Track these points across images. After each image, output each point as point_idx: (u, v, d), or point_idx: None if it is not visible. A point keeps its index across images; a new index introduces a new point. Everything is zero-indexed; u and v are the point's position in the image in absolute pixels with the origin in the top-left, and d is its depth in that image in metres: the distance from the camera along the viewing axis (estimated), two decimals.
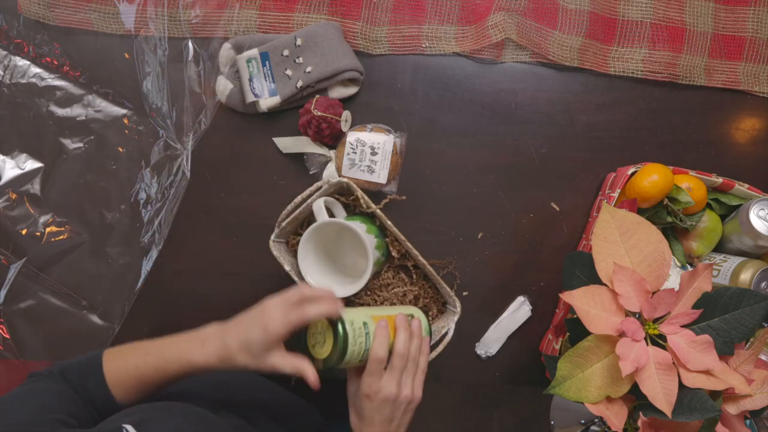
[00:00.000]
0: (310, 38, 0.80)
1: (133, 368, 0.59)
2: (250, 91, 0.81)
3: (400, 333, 0.62)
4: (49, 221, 0.85)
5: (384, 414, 0.60)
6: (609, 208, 0.65)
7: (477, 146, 0.85)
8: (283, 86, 0.80)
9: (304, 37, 0.80)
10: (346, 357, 0.58)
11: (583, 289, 0.62)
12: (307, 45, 0.80)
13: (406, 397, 0.60)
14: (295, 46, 0.79)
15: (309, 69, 0.79)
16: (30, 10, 0.84)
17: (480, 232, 0.86)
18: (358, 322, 0.60)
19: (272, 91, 0.80)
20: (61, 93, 0.86)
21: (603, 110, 0.86)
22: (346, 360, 0.59)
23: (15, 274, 0.84)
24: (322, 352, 0.59)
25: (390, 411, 0.60)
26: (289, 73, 0.79)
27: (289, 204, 0.73)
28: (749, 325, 0.60)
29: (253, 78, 0.80)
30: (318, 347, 0.60)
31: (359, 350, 0.60)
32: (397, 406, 0.60)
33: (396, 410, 0.60)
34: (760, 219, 0.73)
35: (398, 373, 0.60)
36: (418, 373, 0.62)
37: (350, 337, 0.58)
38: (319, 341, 0.60)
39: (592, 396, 0.61)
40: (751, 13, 0.85)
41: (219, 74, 0.83)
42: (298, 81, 0.79)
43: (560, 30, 0.84)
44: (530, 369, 0.86)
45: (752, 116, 0.87)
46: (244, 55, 0.81)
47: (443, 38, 0.84)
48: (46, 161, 0.85)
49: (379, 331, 0.61)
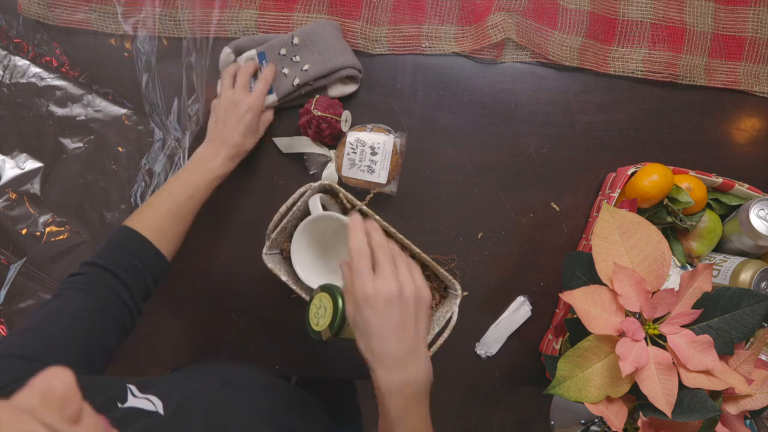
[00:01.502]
0: (308, 37, 0.79)
1: (166, 212, 0.69)
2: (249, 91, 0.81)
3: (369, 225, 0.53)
4: (49, 221, 0.85)
5: (393, 318, 0.50)
6: (609, 208, 0.65)
7: (477, 146, 0.85)
8: (280, 84, 0.80)
9: (301, 35, 0.80)
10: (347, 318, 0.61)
11: (583, 289, 0.62)
12: (305, 43, 0.79)
13: (411, 291, 0.50)
14: (292, 44, 0.79)
15: (306, 67, 0.78)
16: (30, 9, 0.84)
17: (480, 232, 0.86)
18: None
19: (269, 90, 0.80)
20: (60, 93, 0.86)
21: (603, 110, 0.86)
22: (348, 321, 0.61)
23: (15, 274, 0.84)
24: (325, 321, 0.62)
25: (399, 313, 0.50)
26: (286, 71, 0.79)
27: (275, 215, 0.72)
28: (749, 325, 0.60)
29: (251, 78, 0.81)
30: (321, 320, 0.63)
31: None
32: (406, 305, 0.50)
33: (406, 311, 0.50)
34: (760, 219, 0.73)
35: (390, 266, 0.51)
36: (412, 266, 0.53)
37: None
38: (321, 314, 0.63)
39: (592, 396, 0.61)
40: (751, 13, 0.85)
41: (219, 79, 0.83)
42: (295, 79, 0.79)
43: (560, 30, 0.84)
44: (530, 369, 0.86)
45: (752, 116, 0.87)
46: (243, 56, 0.81)
47: (443, 38, 0.84)
48: (46, 161, 0.85)
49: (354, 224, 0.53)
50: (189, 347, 0.86)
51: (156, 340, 0.86)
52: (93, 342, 0.57)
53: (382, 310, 0.49)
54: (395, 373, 0.50)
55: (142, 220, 0.68)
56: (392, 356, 0.49)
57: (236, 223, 0.85)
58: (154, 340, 0.86)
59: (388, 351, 0.49)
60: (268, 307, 0.86)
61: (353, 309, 0.51)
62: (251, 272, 0.85)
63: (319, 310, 0.65)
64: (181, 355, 0.86)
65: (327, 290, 0.65)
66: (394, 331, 0.49)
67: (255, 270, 0.84)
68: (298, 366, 0.87)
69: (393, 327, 0.49)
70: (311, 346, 0.85)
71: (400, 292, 0.50)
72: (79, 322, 0.56)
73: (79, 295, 0.59)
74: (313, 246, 0.75)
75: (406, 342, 0.50)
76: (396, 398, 0.50)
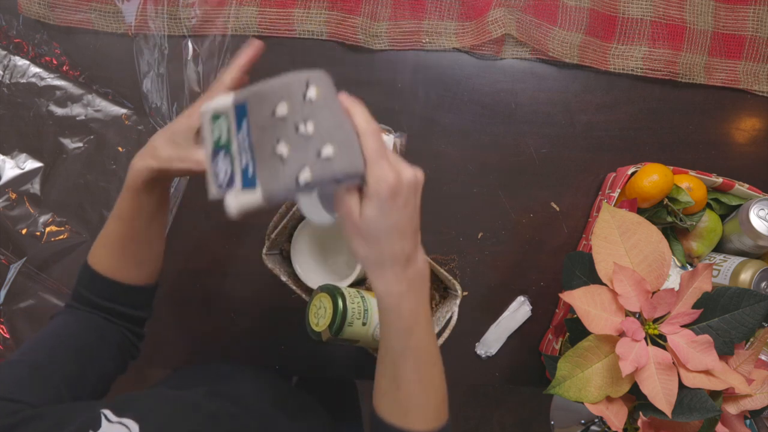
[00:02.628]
0: (329, 92, 0.42)
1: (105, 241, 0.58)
2: (212, 174, 0.46)
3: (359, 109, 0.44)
4: (49, 221, 0.85)
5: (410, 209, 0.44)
6: (609, 208, 0.65)
7: (477, 146, 0.85)
8: (271, 175, 0.42)
9: (321, 84, 0.42)
10: (348, 316, 0.62)
11: (583, 289, 0.62)
12: (326, 101, 0.42)
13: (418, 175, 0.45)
14: (303, 98, 0.42)
15: (329, 152, 0.41)
16: (30, 9, 0.84)
17: (480, 232, 0.86)
18: (351, 290, 0.65)
19: (248, 180, 0.43)
20: (60, 93, 0.85)
21: (603, 110, 0.86)
22: (349, 319, 0.62)
23: (15, 274, 0.84)
24: (325, 322, 0.62)
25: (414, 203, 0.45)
26: (283, 151, 0.42)
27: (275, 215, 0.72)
28: (749, 325, 0.60)
29: (219, 151, 0.45)
30: (321, 320, 0.63)
31: (359, 309, 0.63)
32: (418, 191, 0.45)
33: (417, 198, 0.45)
34: (760, 219, 0.73)
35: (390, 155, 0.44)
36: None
37: (347, 297, 0.62)
38: (321, 315, 0.63)
39: (592, 396, 0.61)
40: (752, 12, 0.85)
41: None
42: (303, 170, 0.41)
43: (560, 27, 0.84)
44: (530, 369, 0.86)
45: (752, 116, 0.87)
46: (210, 106, 0.46)
47: (443, 34, 0.84)
48: (46, 161, 0.85)
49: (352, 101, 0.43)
50: (189, 347, 0.86)
51: (156, 340, 0.86)
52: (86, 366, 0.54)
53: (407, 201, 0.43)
54: (410, 267, 0.46)
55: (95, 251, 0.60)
56: (406, 251, 0.45)
57: (236, 223, 0.85)
58: (154, 340, 0.86)
59: (403, 248, 0.44)
60: (268, 307, 0.86)
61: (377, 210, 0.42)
62: (251, 272, 0.85)
63: (319, 311, 0.65)
64: (181, 355, 0.86)
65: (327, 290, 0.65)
66: (410, 222, 0.45)
67: (255, 270, 0.84)
68: (298, 366, 0.87)
69: (409, 217, 0.44)
70: (311, 346, 0.85)
71: (416, 177, 0.44)
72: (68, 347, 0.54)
73: (70, 318, 0.57)
74: (313, 246, 0.75)
75: (416, 231, 0.46)
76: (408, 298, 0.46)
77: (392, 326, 0.47)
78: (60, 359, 0.52)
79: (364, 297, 0.67)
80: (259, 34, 0.85)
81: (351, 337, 0.65)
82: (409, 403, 0.49)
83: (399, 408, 0.50)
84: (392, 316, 0.47)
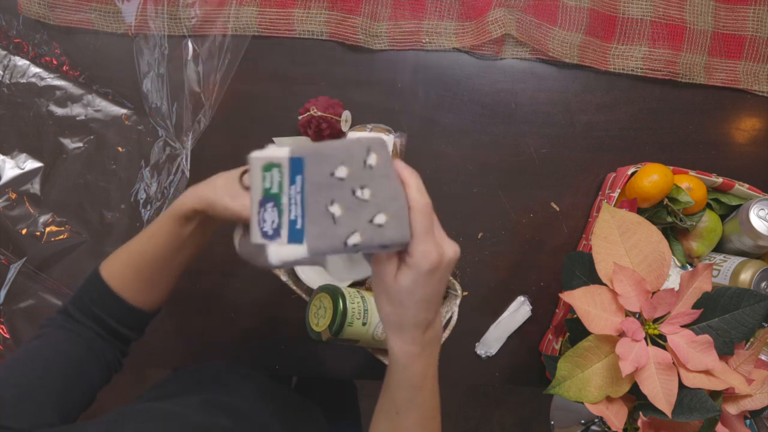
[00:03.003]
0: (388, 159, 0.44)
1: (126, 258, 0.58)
2: (258, 223, 0.45)
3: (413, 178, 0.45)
4: (49, 221, 0.85)
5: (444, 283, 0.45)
6: (609, 208, 0.65)
7: (477, 146, 0.85)
8: (320, 232, 0.43)
9: (381, 152, 0.44)
10: (348, 316, 0.63)
11: (583, 289, 0.62)
12: (384, 170, 0.44)
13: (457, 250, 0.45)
14: (363, 164, 0.43)
15: (382, 219, 0.43)
16: (30, 9, 0.84)
17: (480, 232, 0.86)
18: (351, 290, 0.66)
19: (295, 234, 0.44)
20: (60, 93, 0.85)
21: (603, 110, 0.86)
22: (349, 319, 0.63)
23: (15, 274, 0.84)
24: (325, 322, 0.63)
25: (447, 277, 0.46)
26: (337, 211, 0.43)
27: None
28: (749, 325, 0.60)
29: (269, 201, 0.45)
30: (321, 321, 0.64)
31: (359, 309, 0.64)
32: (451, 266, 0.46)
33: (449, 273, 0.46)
34: (760, 219, 0.73)
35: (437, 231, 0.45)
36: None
37: (347, 297, 0.63)
38: (321, 315, 0.64)
39: (592, 396, 0.61)
40: (752, 12, 0.85)
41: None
42: (353, 234, 0.42)
43: (560, 27, 0.84)
44: (530, 369, 0.86)
45: (752, 116, 0.87)
46: (264, 154, 0.45)
47: (443, 34, 0.84)
48: (46, 161, 0.85)
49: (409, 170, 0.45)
50: (189, 347, 0.86)
51: (156, 340, 0.86)
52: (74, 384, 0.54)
53: (442, 277, 0.44)
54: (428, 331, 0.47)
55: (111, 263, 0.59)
56: (429, 319, 0.46)
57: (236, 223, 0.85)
58: (154, 340, 0.86)
59: (427, 317, 0.46)
60: (268, 307, 0.86)
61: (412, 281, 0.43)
62: (251, 272, 0.85)
63: (319, 311, 0.65)
64: (180, 355, 0.86)
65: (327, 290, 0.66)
66: (439, 295, 0.46)
67: (255, 270, 0.84)
68: (298, 366, 0.87)
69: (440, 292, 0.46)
70: (311, 346, 0.85)
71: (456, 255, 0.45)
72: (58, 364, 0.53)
73: (60, 333, 0.56)
74: None
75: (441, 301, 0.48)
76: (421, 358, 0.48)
77: (401, 381, 0.49)
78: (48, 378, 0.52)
79: (364, 297, 0.67)
80: (259, 34, 0.85)
81: (351, 337, 0.65)
82: None
83: None
84: (403, 374, 0.48)
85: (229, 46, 0.84)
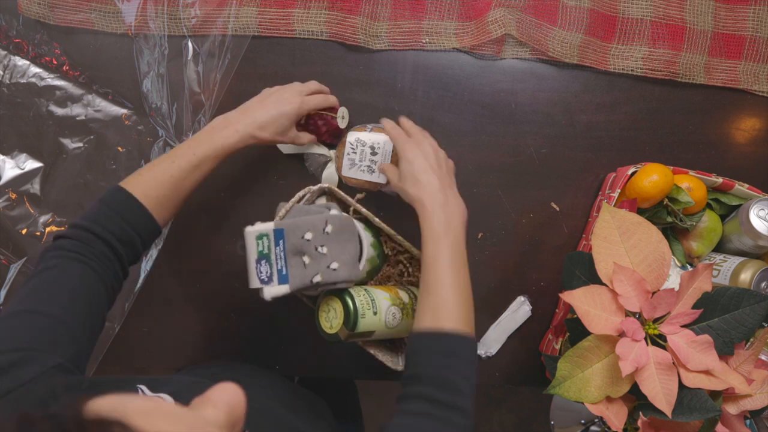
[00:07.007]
0: (343, 229, 0.68)
1: (167, 179, 0.65)
2: (256, 274, 0.67)
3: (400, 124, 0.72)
4: (49, 221, 0.85)
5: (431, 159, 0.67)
6: (609, 208, 0.65)
7: (477, 146, 0.85)
8: (296, 276, 0.66)
9: (335, 224, 0.68)
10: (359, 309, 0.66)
11: (583, 289, 0.62)
12: (337, 236, 0.67)
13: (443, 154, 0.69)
14: (323, 232, 0.67)
15: (335, 266, 0.66)
16: (30, 9, 0.84)
17: (480, 232, 0.86)
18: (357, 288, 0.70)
19: (282, 278, 0.66)
20: (60, 93, 0.85)
21: (603, 110, 0.86)
22: (361, 312, 0.66)
23: (15, 274, 0.84)
24: (339, 322, 0.67)
25: (435, 158, 0.67)
26: (306, 261, 0.66)
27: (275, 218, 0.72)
28: (749, 325, 0.60)
29: (262, 259, 0.67)
30: (334, 322, 0.67)
31: (366, 301, 0.67)
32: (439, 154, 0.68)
33: (438, 157, 0.68)
34: (760, 219, 0.73)
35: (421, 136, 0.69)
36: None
37: (354, 294, 0.67)
38: (332, 317, 0.68)
39: (592, 396, 0.61)
40: (751, 12, 0.85)
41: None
42: (316, 275, 0.66)
43: (560, 27, 0.84)
44: (530, 369, 0.86)
45: (752, 116, 0.87)
46: (255, 228, 0.67)
47: (443, 34, 0.84)
48: (46, 161, 0.85)
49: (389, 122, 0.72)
50: (189, 347, 0.86)
51: (156, 340, 0.86)
52: (93, 319, 0.55)
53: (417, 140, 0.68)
54: (440, 195, 0.64)
55: (140, 184, 0.64)
56: (435, 186, 0.64)
57: (236, 223, 0.85)
58: (154, 340, 0.86)
59: (431, 182, 0.64)
60: (268, 307, 0.85)
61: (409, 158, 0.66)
62: None
63: (329, 314, 0.68)
64: (181, 355, 0.86)
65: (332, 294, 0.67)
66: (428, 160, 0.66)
67: None
68: (298, 366, 0.87)
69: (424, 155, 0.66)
70: (311, 346, 0.86)
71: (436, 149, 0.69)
72: (79, 299, 0.54)
73: (75, 266, 0.56)
74: None
75: (442, 177, 0.66)
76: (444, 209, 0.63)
77: (426, 233, 0.63)
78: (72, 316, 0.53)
79: (368, 289, 0.69)
80: (259, 34, 0.85)
81: (367, 329, 0.67)
82: (439, 305, 0.59)
83: (430, 311, 0.59)
84: (426, 224, 0.63)
85: (229, 46, 0.84)
